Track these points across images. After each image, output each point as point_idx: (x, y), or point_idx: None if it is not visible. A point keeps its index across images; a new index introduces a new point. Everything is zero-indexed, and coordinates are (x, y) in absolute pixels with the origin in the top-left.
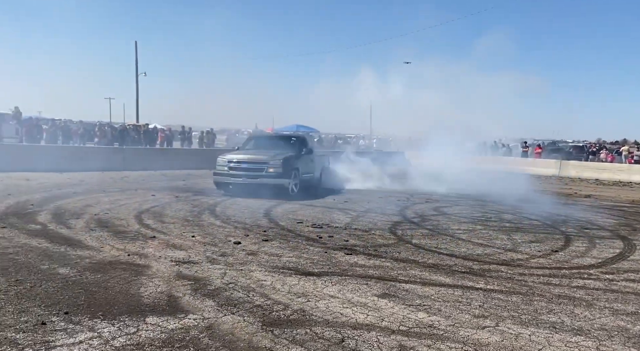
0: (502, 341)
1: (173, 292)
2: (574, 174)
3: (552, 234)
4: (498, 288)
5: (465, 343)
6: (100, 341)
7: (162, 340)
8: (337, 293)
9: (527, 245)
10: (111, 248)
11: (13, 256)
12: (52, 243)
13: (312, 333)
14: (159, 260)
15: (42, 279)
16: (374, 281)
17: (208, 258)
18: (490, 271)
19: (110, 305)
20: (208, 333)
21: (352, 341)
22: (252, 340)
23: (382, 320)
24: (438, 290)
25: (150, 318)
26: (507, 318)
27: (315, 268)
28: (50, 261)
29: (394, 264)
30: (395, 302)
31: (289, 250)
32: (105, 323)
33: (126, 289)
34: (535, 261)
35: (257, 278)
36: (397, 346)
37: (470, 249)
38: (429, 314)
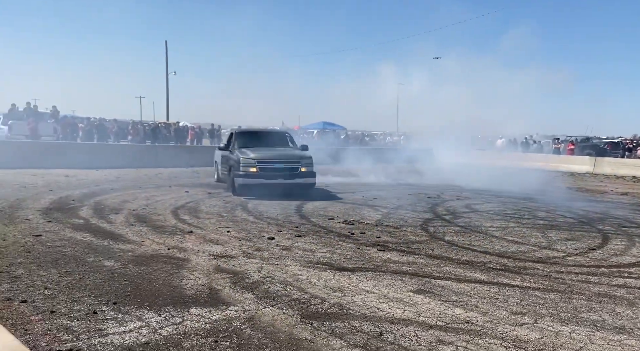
0: (541, 338)
1: (213, 285)
2: (610, 171)
3: (589, 232)
4: (535, 286)
5: (504, 339)
6: (149, 330)
7: (206, 330)
8: (373, 288)
9: (563, 243)
10: (151, 242)
11: (61, 249)
12: (96, 237)
13: (350, 327)
14: (198, 254)
15: (89, 271)
16: (408, 277)
17: (244, 253)
18: (525, 269)
19: (155, 296)
20: (250, 324)
21: (391, 335)
22: (293, 331)
23: (419, 315)
24: (474, 287)
25: (194, 309)
26: (546, 315)
27: (349, 263)
28: (95, 254)
29: (428, 261)
30: (431, 298)
31: (322, 246)
32: (152, 313)
33: (169, 281)
34: (572, 259)
35: (292, 273)
36: (435, 340)
37: (505, 247)
38: (465, 310)
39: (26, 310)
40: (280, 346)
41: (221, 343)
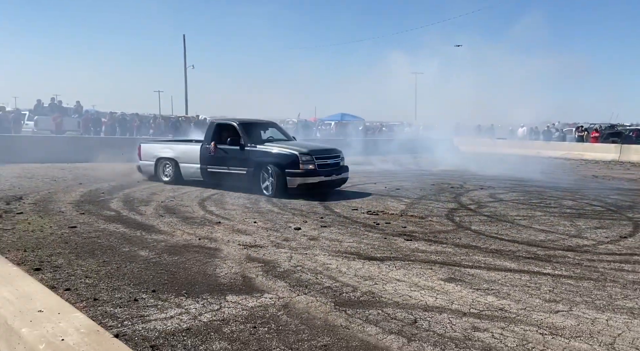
0: (578, 326)
1: (246, 273)
2: (636, 159)
3: (619, 221)
4: (567, 274)
5: (539, 326)
6: (189, 316)
7: (244, 316)
8: (403, 277)
9: (592, 231)
10: (182, 232)
11: (96, 240)
12: (128, 228)
13: (384, 314)
14: (228, 244)
15: (125, 260)
16: (437, 266)
17: (272, 243)
18: (556, 257)
19: (192, 284)
20: (285, 311)
21: (425, 322)
22: (328, 318)
23: (451, 303)
24: (504, 275)
25: (230, 297)
26: (581, 303)
27: (377, 253)
28: (130, 244)
29: (456, 250)
30: (462, 286)
31: (348, 236)
32: (190, 300)
33: (203, 270)
34: (603, 248)
35: (322, 262)
36: (470, 327)
37: (533, 235)
38: (498, 298)
39: (70, 298)
40: (317, 332)
41: (259, 328)
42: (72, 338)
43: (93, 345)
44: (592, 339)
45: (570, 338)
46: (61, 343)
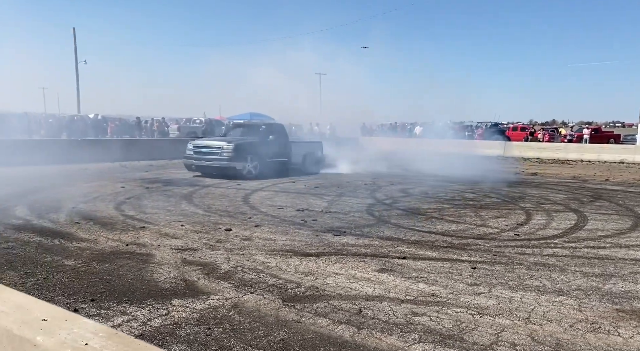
0: (499, 305)
1: (186, 277)
2: (518, 154)
3: (514, 210)
4: (481, 259)
5: (468, 307)
6: (139, 323)
7: (196, 319)
8: (340, 270)
9: (494, 220)
10: (106, 239)
11: (10, 251)
12: (43, 237)
13: (331, 306)
14: (159, 248)
15: (51, 270)
16: (369, 258)
17: (206, 245)
18: (469, 245)
19: (131, 291)
20: (236, 310)
21: (369, 311)
22: (279, 314)
23: (388, 292)
24: (429, 263)
25: (176, 301)
26: (497, 284)
27: (312, 249)
28: (51, 253)
29: (382, 243)
30: (394, 276)
31: (280, 234)
32: (135, 307)
33: (140, 276)
34: (505, 235)
35: (261, 261)
36: (410, 313)
37: (446, 226)
38: (428, 285)
39: None
40: (271, 328)
41: (214, 329)
42: (96, 342)
43: (120, 346)
44: (512, 315)
45: (494, 316)
46: (86, 347)
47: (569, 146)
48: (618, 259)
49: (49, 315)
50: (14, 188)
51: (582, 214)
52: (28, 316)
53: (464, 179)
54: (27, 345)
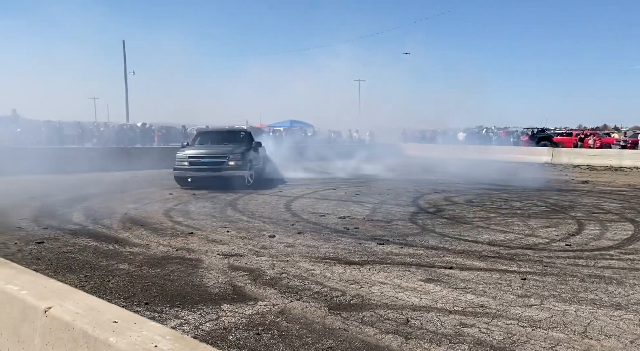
0: (552, 317)
1: (234, 282)
2: (567, 161)
3: (565, 219)
4: (531, 270)
5: (519, 319)
6: (191, 326)
7: (245, 324)
8: (385, 279)
9: (544, 230)
10: (157, 244)
11: (69, 255)
12: (99, 242)
13: (377, 315)
14: (207, 254)
15: (107, 274)
16: (414, 267)
17: (251, 251)
18: (518, 255)
19: (182, 295)
20: (283, 317)
21: (417, 321)
22: (325, 322)
23: (436, 302)
24: (476, 274)
25: (225, 306)
26: (549, 296)
27: (355, 257)
28: (107, 258)
29: (427, 252)
30: (441, 286)
31: (323, 241)
32: (187, 311)
33: (190, 280)
34: (556, 245)
35: (305, 268)
36: (458, 324)
37: (493, 236)
38: (476, 295)
39: None
40: (318, 335)
41: (263, 335)
42: (164, 344)
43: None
44: (567, 329)
45: (548, 329)
46: (156, 349)
47: (623, 152)
48: None
49: (119, 317)
50: (69, 194)
51: (639, 225)
52: (100, 318)
53: (510, 186)
54: (101, 346)
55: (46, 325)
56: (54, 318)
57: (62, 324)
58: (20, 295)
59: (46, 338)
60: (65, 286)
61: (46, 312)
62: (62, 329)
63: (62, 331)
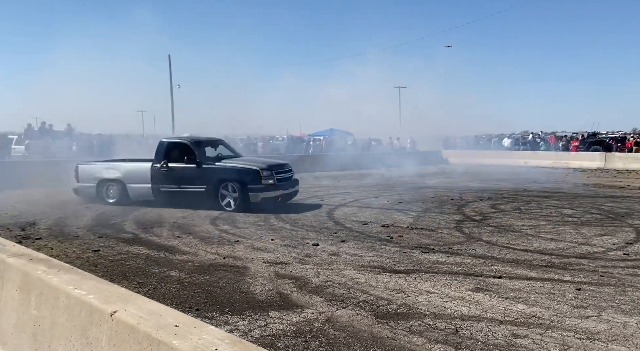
0: (610, 330)
1: (280, 289)
2: (621, 166)
3: (620, 227)
4: (586, 280)
5: (575, 331)
6: (240, 333)
7: (292, 331)
8: (432, 288)
9: (598, 238)
10: (205, 252)
11: (124, 262)
12: (150, 250)
13: (425, 325)
14: (253, 262)
15: (159, 281)
16: (461, 276)
17: (296, 259)
18: (571, 264)
19: (231, 302)
20: (330, 325)
21: (467, 331)
22: (372, 331)
23: (485, 312)
24: (527, 283)
25: (272, 313)
26: (607, 307)
27: (400, 266)
28: (158, 265)
29: (474, 261)
30: (491, 295)
31: (367, 250)
32: (236, 317)
33: (238, 287)
34: (613, 254)
35: (350, 276)
36: (510, 334)
37: (543, 244)
38: (528, 305)
39: None
40: (366, 343)
41: (311, 342)
42: (224, 348)
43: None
44: (628, 342)
45: (607, 342)
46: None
47: None
48: None
49: (180, 321)
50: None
51: None
52: (162, 322)
53: (559, 193)
54: (164, 348)
55: (112, 328)
56: (119, 321)
57: (127, 327)
58: (88, 299)
59: (112, 340)
60: (127, 292)
61: (112, 316)
62: (128, 332)
63: (127, 334)
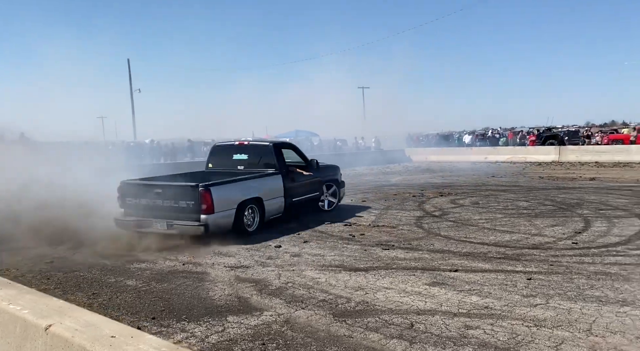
0: (557, 316)
1: (240, 294)
2: (574, 158)
3: (571, 217)
4: (537, 270)
5: (523, 319)
6: (197, 339)
7: (250, 335)
8: (390, 284)
9: (550, 229)
10: (164, 259)
11: (78, 273)
12: (107, 259)
13: (382, 321)
14: (214, 267)
15: (115, 291)
16: (419, 271)
17: (257, 262)
18: (524, 255)
19: (189, 309)
20: (288, 326)
21: (421, 325)
22: (330, 329)
23: (440, 305)
24: (482, 275)
25: (231, 317)
26: (555, 295)
27: (360, 263)
28: (114, 275)
29: (432, 256)
30: (446, 289)
31: (329, 250)
32: (193, 324)
33: (197, 294)
34: (563, 243)
35: (310, 277)
36: (463, 326)
37: (499, 237)
38: (481, 297)
39: None
40: (323, 343)
41: (268, 345)
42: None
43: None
44: (572, 327)
45: (552, 328)
46: None
47: (631, 147)
48: None
49: (116, 332)
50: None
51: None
52: (98, 333)
53: (516, 187)
54: None
55: (47, 343)
56: (54, 335)
57: (62, 341)
58: (22, 315)
59: None
60: (65, 304)
61: (47, 330)
62: (62, 346)
63: (62, 348)
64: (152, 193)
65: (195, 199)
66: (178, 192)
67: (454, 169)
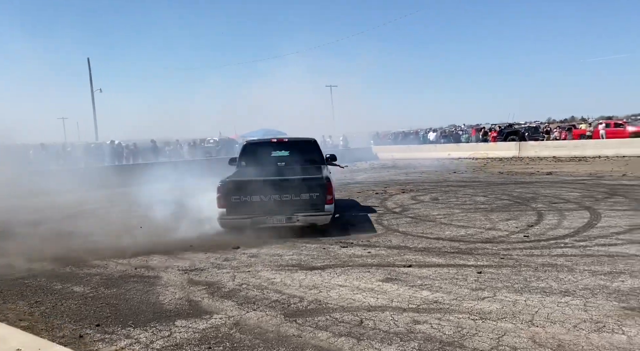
0: (502, 309)
1: (191, 297)
2: (533, 154)
3: (525, 211)
4: (488, 263)
5: (470, 313)
6: (141, 345)
7: (197, 339)
8: (344, 282)
9: (504, 223)
10: (115, 264)
11: (23, 281)
12: (55, 264)
13: (332, 319)
14: (167, 271)
15: (60, 298)
16: (374, 268)
17: (213, 264)
18: (477, 249)
19: (136, 314)
20: (237, 328)
21: (370, 322)
22: (279, 330)
23: (391, 301)
24: (434, 270)
25: (179, 322)
26: (502, 288)
27: (317, 262)
28: (62, 281)
29: (389, 252)
30: (398, 285)
31: (287, 249)
32: (139, 330)
33: (146, 299)
34: (515, 237)
35: (266, 277)
36: (411, 321)
37: (454, 232)
38: (431, 292)
39: None
40: (271, 344)
41: (215, 348)
42: None
43: None
44: (515, 318)
45: (497, 321)
46: None
47: (587, 142)
48: (629, 256)
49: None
50: (34, 217)
51: (595, 212)
52: (4, 347)
53: (475, 182)
54: None
55: None
56: None
57: None
58: None
59: None
60: None
61: None
62: None
63: None
64: (267, 189)
65: (322, 191)
66: (304, 185)
67: (418, 166)
